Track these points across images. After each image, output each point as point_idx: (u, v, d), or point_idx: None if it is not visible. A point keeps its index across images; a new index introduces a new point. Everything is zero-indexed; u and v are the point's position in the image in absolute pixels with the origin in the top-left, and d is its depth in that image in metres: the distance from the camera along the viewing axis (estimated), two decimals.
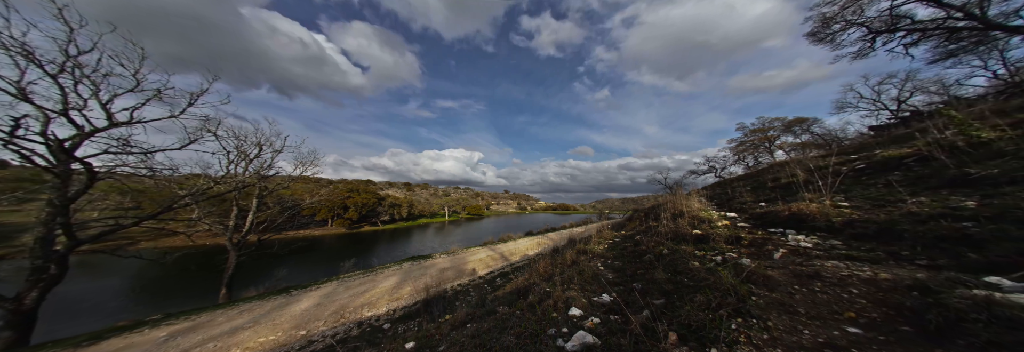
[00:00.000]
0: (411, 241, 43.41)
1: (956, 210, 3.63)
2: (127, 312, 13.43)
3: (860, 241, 3.77)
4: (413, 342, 4.17)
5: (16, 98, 8.05)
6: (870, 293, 2.52)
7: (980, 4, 11.74)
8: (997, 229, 2.96)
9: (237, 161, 15.18)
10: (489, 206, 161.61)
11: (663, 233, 5.60)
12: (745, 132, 33.19)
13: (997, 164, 4.60)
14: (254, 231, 16.29)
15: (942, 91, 20.00)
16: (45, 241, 8.32)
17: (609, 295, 3.62)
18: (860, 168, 7.14)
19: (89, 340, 7.69)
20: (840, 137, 25.79)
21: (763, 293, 2.74)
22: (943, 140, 6.20)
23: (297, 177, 17.97)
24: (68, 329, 9.28)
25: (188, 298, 15.92)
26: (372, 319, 8.34)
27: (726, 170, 33.73)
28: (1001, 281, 2.20)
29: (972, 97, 17.43)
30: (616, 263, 5.21)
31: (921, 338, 1.88)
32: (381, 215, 69.74)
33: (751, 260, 3.56)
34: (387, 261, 19.21)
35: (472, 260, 15.77)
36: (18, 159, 8.15)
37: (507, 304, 4.63)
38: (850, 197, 5.40)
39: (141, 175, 10.65)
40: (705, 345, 2.18)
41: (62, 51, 8.37)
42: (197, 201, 13.26)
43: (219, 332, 7.89)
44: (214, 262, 16.91)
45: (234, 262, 14.63)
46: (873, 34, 13.93)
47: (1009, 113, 7.19)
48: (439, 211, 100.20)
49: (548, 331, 2.91)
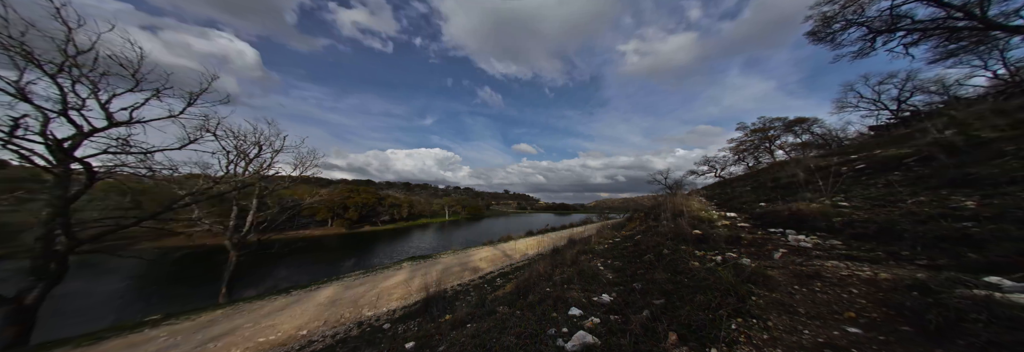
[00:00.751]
0: (411, 241, 43.40)
1: (956, 210, 3.63)
2: (127, 312, 13.42)
3: (860, 241, 3.77)
4: (413, 342, 4.17)
5: (15, 98, 8.04)
6: (870, 293, 2.52)
7: (980, 4, 11.73)
8: (997, 229, 2.96)
9: (237, 161, 15.17)
10: (489, 206, 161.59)
11: (663, 233, 5.60)
12: (745, 132, 33.18)
13: (997, 164, 4.60)
14: (254, 231, 16.28)
15: (942, 91, 19.99)
16: (45, 241, 8.31)
17: (609, 295, 3.62)
18: (860, 168, 7.14)
19: (89, 340, 7.69)
20: (840, 137, 25.79)
21: (763, 293, 2.74)
22: (943, 140, 6.20)
23: (297, 177, 17.97)
24: (68, 329, 9.27)
25: (188, 298, 15.91)
26: (372, 319, 8.34)
27: (726, 170, 33.75)
28: (1001, 281, 2.20)
29: (972, 97, 17.43)
30: (616, 263, 5.21)
31: (921, 338, 1.87)
32: (381, 215, 69.69)
33: (751, 260, 3.56)
34: (387, 261, 19.22)
35: (472, 260, 15.77)
36: (18, 159, 8.14)
37: (507, 304, 4.63)
38: (850, 197, 5.40)
39: (141, 175, 10.63)
40: (705, 345, 2.17)
41: (61, 51, 8.35)
42: (197, 201, 13.24)
43: (220, 332, 7.89)
44: (214, 262, 16.91)
45: (234, 262, 14.63)
46: (873, 34, 13.92)
47: (1009, 113, 7.18)
48: (439, 211, 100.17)
49: (548, 331, 2.91)
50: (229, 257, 14.77)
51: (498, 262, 15.23)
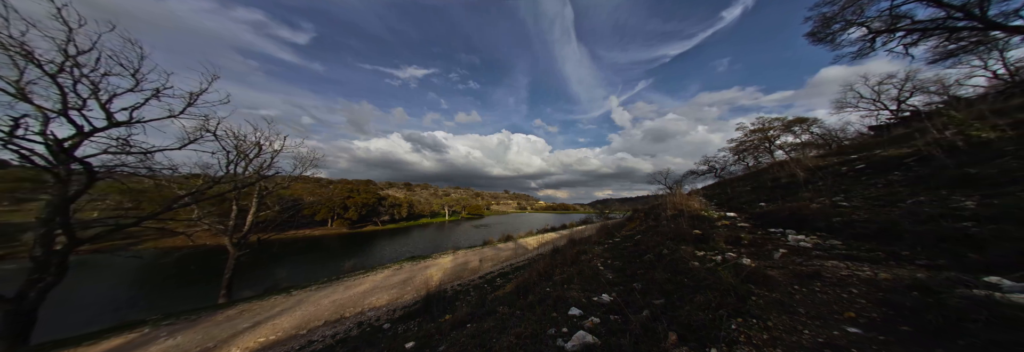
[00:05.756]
0: (412, 241, 43.37)
1: (956, 210, 3.63)
2: (127, 312, 13.41)
3: (860, 241, 3.77)
4: (413, 342, 4.17)
5: (15, 98, 8.03)
6: (870, 293, 2.52)
7: (980, 4, 11.72)
8: (997, 229, 2.96)
9: (236, 161, 15.17)
10: (489, 206, 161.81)
11: (663, 233, 5.60)
12: (745, 132, 33.17)
13: (997, 164, 4.60)
14: (254, 231, 16.27)
15: (942, 91, 19.99)
16: (45, 241, 8.31)
17: (609, 295, 3.62)
18: (860, 168, 7.15)
19: (89, 340, 7.69)
20: (840, 137, 25.78)
21: (763, 293, 2.74)
22: (943, 140, 6.20)
23: (297, 177, 17.96)
24: (68, 329, 9.27)
25: (188, 298, 15.91)
26: (372, 319, 8.34)
27: (726, 170, 33.72)
28: (1001, 281, 2.20)
29: (972, 97, 17.43)
30: (616, 263, 5.21)
31: (921, 338, 1.87)
32: (381, 215, 69.71)
33: (751, 260, 3.56)
34: (387, 261, 19.21)
35: (472, 260, 15.78)
36: (18, 159, 8.13)
37: (507, 304, 4.63)
38: (850, 197, 5.40)
39: (141, 175, 10.62)
40: (705, 345, 2.17)
41: (61, 51, 8.35)
42: (197, 201, 13.24)
43: (220, 331, 7.89)
44: (214, 262, 16.91)
45: (234, 262, 14.63)
46: (873, 34, 13.91)
47: (1009, 113, 7.19)
48: (439, 211, 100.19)
49: (548, 331, 2.91)
50: (229, 257, 14.77)
51: (498, 262, 15.24)
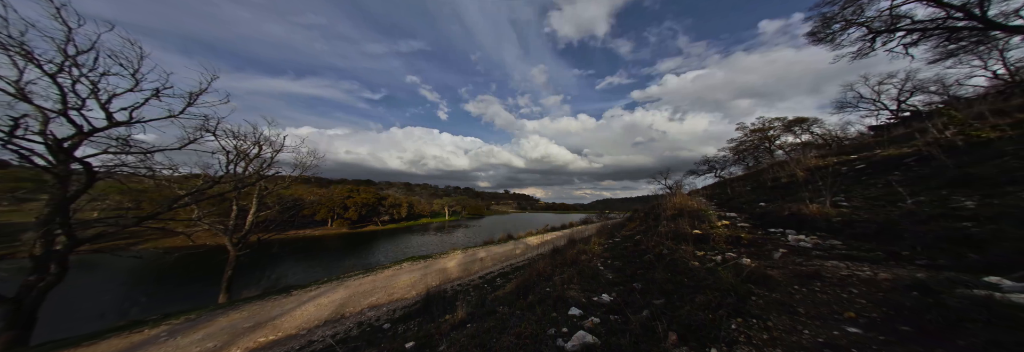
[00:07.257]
0: (412, 241, 43.36)
1: (956, 210, 3.63)
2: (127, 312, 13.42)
3: (860, 241, 3.77)
4: (413, 342, 4.17)
5: (15, 98, 8.04)
6: (870, 293, 2.52)
7: (980, 4, 11.72)
8: (997, 229, 2.96)
9: (236, 161, 15.17)
10: (490, 206, 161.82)
11: (663, 233, 5.60)
12: (745, 132, 33.19)
13: (997, 164, 4.60)
14: (254, 231, 16.27)
15: (942, 91, 20.01)
16: (45, 241, 8.31)
17: (609, 295, 3.62)
18: (860, 168, 7.15)
19: (89, 340, 7.69)
20: (840, 137, 25.78)
21: (763, 293, 2.74)
22: (943, 140, 6.20)
23: (297, 177, 17.95)
24: (68, 329, 9.27)
25: (188, 298, 15.91)
26: (372, 319, 8.34)
27: (726, 170, 33.71)
28: (1001, 281, 2.20)
29: (972, 97, 17.43)
30: (616, 263, 5.21)
31: (921, 338, 1.87)
32: (381, 215, 69.71)
33: (751, 260, 3.56)
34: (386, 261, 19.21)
35: (472, 260, 15.77)
36: (17, 159, 8.13)
37: (507, 304, 4.63)
38: (850, 197, 5.40)
39: (141, 175, 10.63)
40: (705, 345, 2.17)
41: (60, 50, 8.36)
42: (197, 201, 13.25)
43: (220, 331, 7.89)
44: (214, 262, 16.91)
45: (234, 262, 14.63)
46: (873, 34, 13.91)
47: (1009, 113, 7.19)
48: (440, 211, 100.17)
49: (548, 331, 2.91)
50: (229, 257, 14.77)
51: (497, 262, 15.24)
